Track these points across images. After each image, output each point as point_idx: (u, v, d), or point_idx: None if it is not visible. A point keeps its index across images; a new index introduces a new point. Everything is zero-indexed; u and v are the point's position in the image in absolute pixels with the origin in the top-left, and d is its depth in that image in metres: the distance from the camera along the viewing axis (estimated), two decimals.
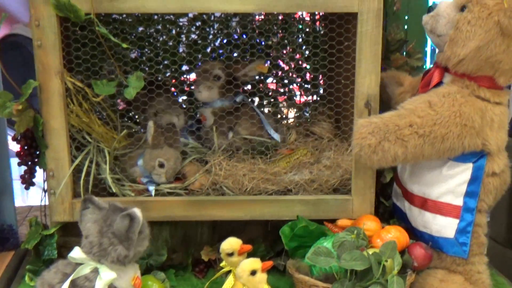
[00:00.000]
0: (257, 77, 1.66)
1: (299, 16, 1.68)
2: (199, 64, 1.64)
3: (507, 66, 1.24)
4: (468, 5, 1.25)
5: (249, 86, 1.67)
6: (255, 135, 1.56)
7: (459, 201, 1.32)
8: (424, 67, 1.66)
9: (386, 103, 1.39)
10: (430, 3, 1.70)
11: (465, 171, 1.31)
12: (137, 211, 1.18)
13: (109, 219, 1.18)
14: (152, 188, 1.45)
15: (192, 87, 1.67)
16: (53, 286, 1.18)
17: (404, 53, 1.62)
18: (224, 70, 1.55)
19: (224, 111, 1.55)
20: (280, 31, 1.68)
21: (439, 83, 1.33)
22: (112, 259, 1.17)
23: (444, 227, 1.33)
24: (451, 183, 1.32)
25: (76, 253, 1.20)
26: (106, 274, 1.17)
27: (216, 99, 1.56)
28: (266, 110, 1.72)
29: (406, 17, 1.69)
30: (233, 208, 1.43)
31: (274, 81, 1.74)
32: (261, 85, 1.69)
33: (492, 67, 1.25)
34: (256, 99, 1.70)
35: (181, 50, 1.65)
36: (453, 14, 1.27)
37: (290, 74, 1.72)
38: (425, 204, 1.35)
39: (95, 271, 1.18)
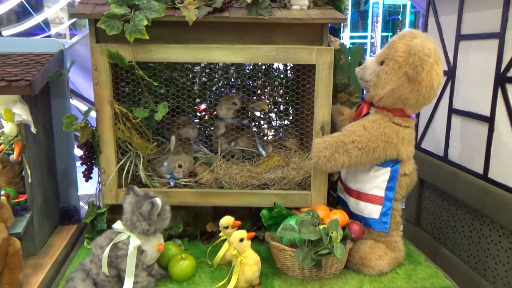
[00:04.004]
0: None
1: (276, 66, 1.68)
2: (207, 98, 1.64)
3: (413, 102, 1.26)
4: (386, 60, 1.27)
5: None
6: (248, 147, 1.56)
7: (382, 193, 1.33)
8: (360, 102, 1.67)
9: (332, 127, 1.40)
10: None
11: (385, 173, 1.32)
12: (158, 200, 1.17)
13: (140, 203, 1.19)
14: (172, 182, 1.44)
15: (202, 113, 1.66)
16: (102, 247, 1.20)
17: (347, 92, 1.63)
18: (240, 100, 1.55)
19: (231, 127, 1.55)
20: (263, 76, 1.67)
21: (367, 113, 1.35)
22: (139, 231, 1.19)
23: (372, 211, 1.34)
24: (376, 181, 1.33)
25: (117, 225, 1.22)
26: (133, 241, 1.19)
27: (230, 118, 1.56)
28: (253, 129, 1.72)
29: (349, 70, 1.71)
30: (228, 198, 1.42)
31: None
32: (249, 113, 1.71)
33: (402, 102, 1.27)
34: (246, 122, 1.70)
35: (195, 88, 1.64)
36: (376, 66, 1.29)
37: (270, 106, 1.71)
38: (359, 195, 1.36)
39: (129, 238, 1.20)
